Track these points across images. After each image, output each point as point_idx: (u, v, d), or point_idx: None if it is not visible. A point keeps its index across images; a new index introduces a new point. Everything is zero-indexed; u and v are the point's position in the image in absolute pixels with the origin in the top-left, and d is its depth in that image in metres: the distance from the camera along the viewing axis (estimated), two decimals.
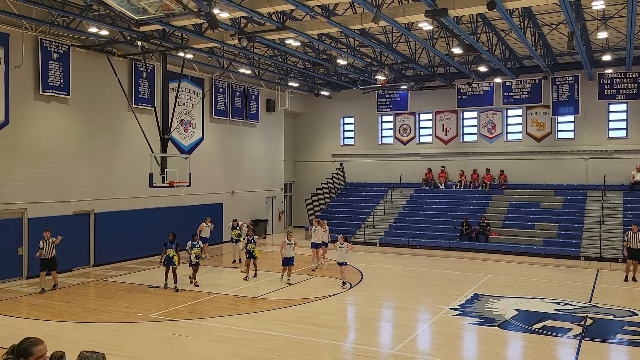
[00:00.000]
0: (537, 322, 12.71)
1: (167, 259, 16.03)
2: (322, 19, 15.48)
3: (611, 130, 26.26)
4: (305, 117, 33.51)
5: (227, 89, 26.81)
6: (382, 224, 27.48)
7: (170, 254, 15.96)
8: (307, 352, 10.45)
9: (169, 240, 16.19)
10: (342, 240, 16.82)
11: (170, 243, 16.10)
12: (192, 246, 16.48)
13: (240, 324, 12.35)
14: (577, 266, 20.71)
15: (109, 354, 10.29)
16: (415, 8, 15.01)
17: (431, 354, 10.70)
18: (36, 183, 17.92)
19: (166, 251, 16.05)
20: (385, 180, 30.55)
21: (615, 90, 25.26)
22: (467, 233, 24.68)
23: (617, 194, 25.00)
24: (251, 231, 18.03)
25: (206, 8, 13.64)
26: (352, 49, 21.39)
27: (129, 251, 21.13)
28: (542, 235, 23.79)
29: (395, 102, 30.30)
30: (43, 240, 15.89)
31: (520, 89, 26.83)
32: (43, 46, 18.01)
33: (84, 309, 14.10)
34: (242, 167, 28.00)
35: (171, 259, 15.96)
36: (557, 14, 18.13)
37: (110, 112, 20.66)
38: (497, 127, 28.45)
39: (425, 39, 20.10)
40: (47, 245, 15.85)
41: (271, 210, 30.53)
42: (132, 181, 21.15)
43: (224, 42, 18.89)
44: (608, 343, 11.36)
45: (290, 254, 16.88)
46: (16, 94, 17.33)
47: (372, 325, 13.02)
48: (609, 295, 15.89)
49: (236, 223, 21.17)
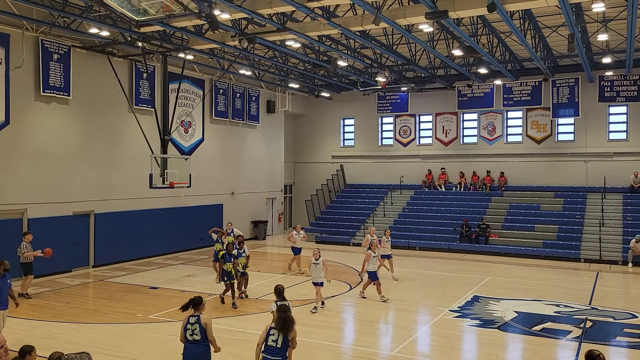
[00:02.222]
0: (536, 324, 12.71)
1: (226, 273, 14.32)
2: (323, 21, 15.49)
3: (611, 133, 26.26)
4: (305, 118, 33.52)
5: (228, 90, 26.82)
6: (382, 226, 27.40)
7: (228, 268, 14.28)
8: (307, 354, 10.43)
9: (228, 252, 14.55)
10: (318, 255, 14.12)
11: (230, 256, 14.46)
12: (239, 255, 14.87)
13: (240, 325, 12.34)
14: (576, 268, 20.70)
15: (109, 355, 10.33)
16: (415, 10, 15.03)
17: (431, 356, 10.70)
18: (36, 183, 17.93)
19: (224, 265, 14.38)
20: (385, 182, 30.55)
21: (615, 93, 25.28)
22: (467, 235, 24.68)
23: (617, 197, 24.99)
24: (242, 241, 15.25)
25: (207, 9, 13.67)
26: (352, 51, 21.40)
27: (129, 252, 21.12)
28: (542, 237, 23.78)
29: (396, 103, 30.32)
30: (25, 243, 15.38)
31: (521, 91, 26.85)
32: (44, 47, 18.02)
33: (83, 310, 14.10)
34: (242, 168, 28.00)
35: (230, 274, 14.29)
36: (557, 16, 18.15)
37: (111, 113, 20.67)
38: (497, 129, 28.45)
39: (426, 40, 20.11)
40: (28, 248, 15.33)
41: (271, 212, 30.52)
42: (132, 182, 21.16)
43: (224, 44, 18.91)
44: (608, 345, 11.35)
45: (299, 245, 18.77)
46: (17, 95, 17.34)
47: (372, 327, 13.02)
48: (609, 298, 15.87)
49: (222, 234, 17.61)
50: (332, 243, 26.74)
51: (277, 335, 7.12)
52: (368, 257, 15.07)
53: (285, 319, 7.19)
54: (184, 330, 7.55)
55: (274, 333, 7.16)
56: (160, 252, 22.36)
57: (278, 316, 7.28)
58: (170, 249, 22.95)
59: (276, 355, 7.08)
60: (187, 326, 7.52)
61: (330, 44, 20.11)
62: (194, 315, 7.58)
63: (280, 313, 7.29)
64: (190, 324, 7.51)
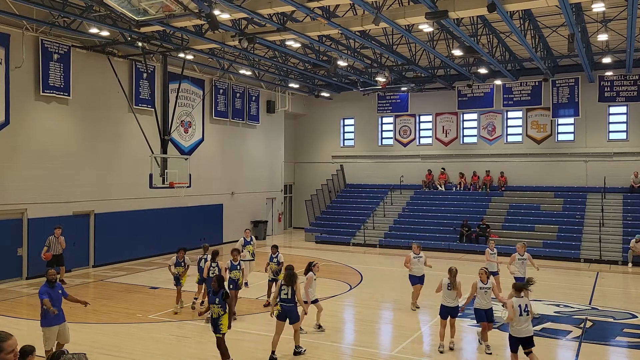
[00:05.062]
0: (536, 324, 12.70)
1: (231, 281, 13.00)
2: (323, 21, 15.48)
3: (611, 133, 26.27)
4: (305, 118, 33.52)
5: (228, 90, 26.82)
6: (382, 226, 27.47)
7: (235, 276, 13.06)
8: (307, 354, 10.45)
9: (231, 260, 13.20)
10: (418, 251, 14.08)
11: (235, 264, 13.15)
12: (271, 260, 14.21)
13: (239, 325, 12.33)
14: (577, 268, 20.70)
15: (109, 355, 10.33)
16: (415, 10, 15.03)
17: (431, 356, 10.69)
18: (36, 183, 17.93)
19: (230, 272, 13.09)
20: (385, 182, 30.54)
21: (615, 93, 25.28)
22: (467, 235, 24.67)
23: (617, 197, 24.99)
24: (236, 254, 13.28)
25: (207, 9, 13.67)
26: (352, 51, 21.40)
27: (129, 252, 21.13)
28: (542, 237, 23.77)
29: (396, 103, 30.31)
30: (54, 237, 16.46)
31: (521, 91, 26.84)
32: (44, 47, 18.02)
33: (83, 310, 14.03)
34: (242, 168, 28.00)
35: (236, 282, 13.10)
36: (557, 16, 18.15)
37: (111, 113, 20.66)
38: (497, 129, 28.46)
39: (426, 40, 20.11)
40: (57, 242, 16.46)
41: (271, 212, 30.51)
42: (132, 182, 21.15)
43: (224, 44, 18.90)
44: (608, 345, 11.35)
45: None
46: (17, 95, 17.34)
47: (372, 326, 13.01)
48: (609, 298, 15.87)
49: (183, 256, 13.94)
50: (332, 243, 26.74)
51: (287, 289, 10.12)
52: (513, 259, 13.58)
53: (291, 274, 10.33)
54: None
55: (284, 288, 10.16)
56: (160, 252, 22.33)
57: (285, 274, 10.49)
58: (170, 249, 22.78)
59: (289, 303, 10.12)
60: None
61: (330, 44, 20.10)
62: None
63: (287, 271, 10.61)
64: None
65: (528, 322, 9.07)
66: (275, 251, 14.40)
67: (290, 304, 10.09)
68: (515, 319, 8.95)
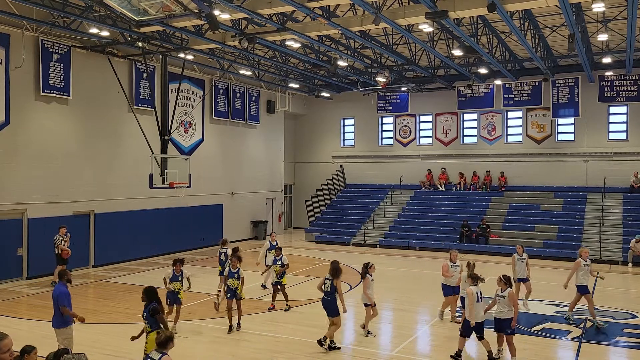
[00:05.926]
0: (537, 324, 12.71)
1: (229, 290, 12.25)
2: (323, 21, 15.49)
3: (611, 133, 26.27)
4: (305, 118, 33.52)
5: (228, 90, 26.82)
6: (382, 226, 27.47)
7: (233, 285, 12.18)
8: (307, 354, 10.44)
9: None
10: (522, 250, 14.01)
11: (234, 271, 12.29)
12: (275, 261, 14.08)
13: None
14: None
15: (109, 355, 10.32)
16: (415, 10, 15.03)
17: (431, 356, 10.69)
18: (36, 183, 17.93)
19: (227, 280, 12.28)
20: (386, 182, 30.55)
21: (615, 93, 25.28)
22: (467, 235, 24.67)
23: (617, 197, 24.99)
24: (236, 261, 12.30)
25: (207, 9, 13.68)
26: (352, 51, 21.40)
27: (129, 252, 21.13)
28: (542, 237, 23.77)
29: (396, 103, 30.31)
30: (59, 236, 16.76)
31: (521, 91, 26.84)
32: (44, 47, 18.02)
33: (83, 310, 14.04)
34: (242, 169, 28.00)
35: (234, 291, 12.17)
36: (557, 16, 18.15)
37: (111, 113, 20.67)
38: (497, 129, 28.46)
39: (426, 40, 20.11)
40: (64, 240, 16.80)
41: (271, 212, 30.51)
42: (132, 182, 21.16)
43: (224, 44, 18.90)
44: (608, 345, 11.35)
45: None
46: (17, 95, 17.34)
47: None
48: (609, 298, 15.86)
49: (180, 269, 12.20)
50: (332, 243, 26.74)
51: (329, 283, 10.74)
52: (577, 265, 12.76)
53: (336, 268, 10.80)
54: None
55: (327, 282, 10.79)
56: (160, 252, 22.35)
57: (331, 267, 10.91)
58: (170, 249, 22.94)
59: (329, 296, 10.76)
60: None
61: (330, 44, 20.10)
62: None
63: (333, 264, 10.99)
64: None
65: (482, 309, 10.14)
66: (279, 253, 14.36)
67: (329, 297, 10.69)
68: (474, 305, 9.83)
